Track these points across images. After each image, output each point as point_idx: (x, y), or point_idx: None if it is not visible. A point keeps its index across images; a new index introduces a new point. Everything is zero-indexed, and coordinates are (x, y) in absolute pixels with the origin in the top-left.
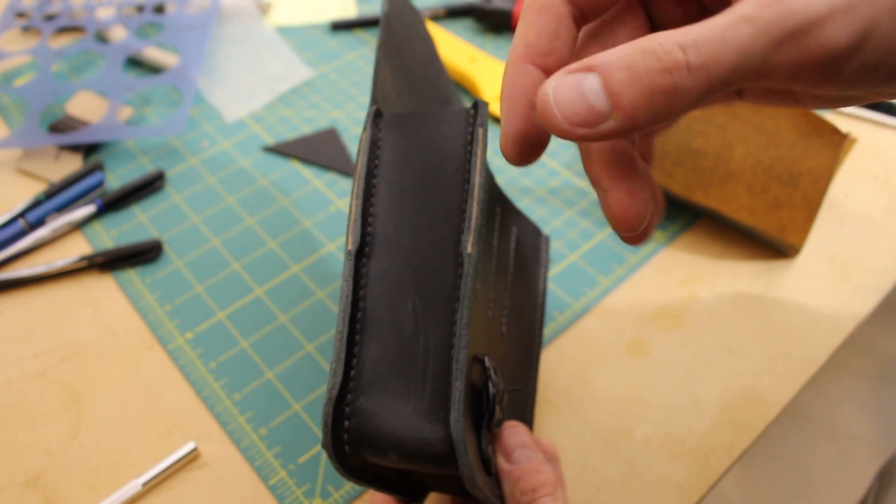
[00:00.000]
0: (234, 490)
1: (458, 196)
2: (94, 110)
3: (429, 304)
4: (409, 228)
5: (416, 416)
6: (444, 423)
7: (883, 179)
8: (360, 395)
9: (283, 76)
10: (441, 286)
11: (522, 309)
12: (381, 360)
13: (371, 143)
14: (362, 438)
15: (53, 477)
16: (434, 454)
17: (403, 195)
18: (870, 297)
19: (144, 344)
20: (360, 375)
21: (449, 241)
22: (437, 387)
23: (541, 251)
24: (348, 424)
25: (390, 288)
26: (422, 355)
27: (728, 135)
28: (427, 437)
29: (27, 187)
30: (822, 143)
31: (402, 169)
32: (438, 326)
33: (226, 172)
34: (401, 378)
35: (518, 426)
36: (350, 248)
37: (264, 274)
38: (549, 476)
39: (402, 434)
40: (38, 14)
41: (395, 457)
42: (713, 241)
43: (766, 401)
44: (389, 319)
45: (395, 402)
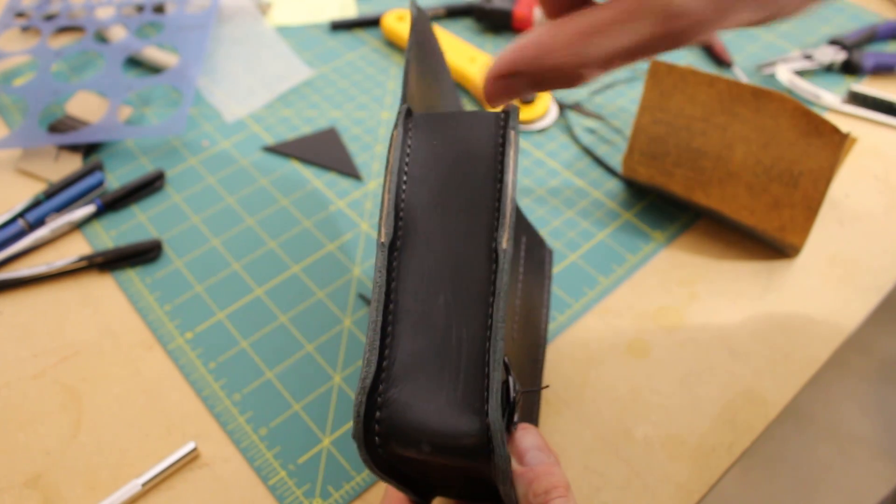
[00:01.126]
0: (233, 490)
1: (489, 194)
2: (93, 110)
3: (461, 299)
4: (441, 224)
5: (449, 407)
6: (478, 414)
7: (883, 179)
8: (392, 386)
9: (282, 76)
10: (473, 281)
11: (530, 317)
12: (413, 352)
13: (403, 140)
14: (394, 430)
15: (53, 477)
16: (468, 446)
17: (434, 191)
18: (870, 297)
19: (144, 344)
20: (392, 366)
21: (481, 237)
22: (471, 379)
23: (545, 263)
24: (380, 415)
25: (422, 281)
26: (455, 347)
27: (728, 135)
28: (461, 429)
29: (27, 187)
30: (822, 142)
31: (433, 166)
32: (471, 320)
33: (226, 172)
34: (433, 370)
35: (530, 428)
36: (383, 241)
37: (264, 274)
38: (561, 478)
39: (435, 425)
40: (38, 14)
41: (428, 448)
42: (713, 241)
43: (767, 401)
44: (421, 312)
45: (427, 393)
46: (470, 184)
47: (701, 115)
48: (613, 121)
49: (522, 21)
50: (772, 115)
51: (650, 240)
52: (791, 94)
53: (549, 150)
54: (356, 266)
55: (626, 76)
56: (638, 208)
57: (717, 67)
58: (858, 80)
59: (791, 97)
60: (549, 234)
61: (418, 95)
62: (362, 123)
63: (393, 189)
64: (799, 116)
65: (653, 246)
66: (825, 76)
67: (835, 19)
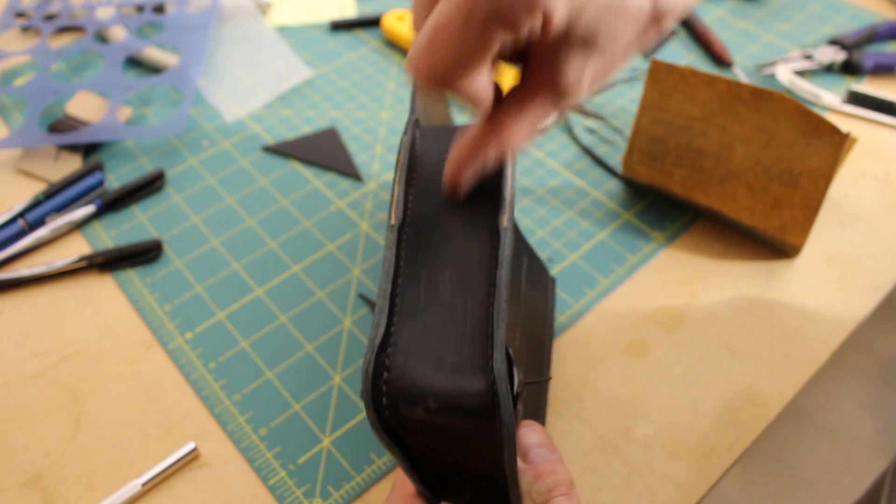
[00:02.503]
0: (233, 490)
1: (488, 186)
2: (93, 110)
3: (465, 274)
4: (446, 211)
5: (454, 367)
6: (484, 373)
7: (883, 179)
8: (399, 351)
9: (282, 76)
10: (477, 260)
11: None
12: (419, 320)
13: (411, 142)
14: (401, 390)
15: (53, 477)
16: (473, 405)
17: (438, 189)
18: (870, 297)
19: (144, 344)
20: (399, 332)
21: (484, 223)
22: (477, 343)
23: (547, 289)
24: (387, 376)
25: (428, 260)
26: (460, 316)
27: (728, 135)
28: (467, 387)
29: (27, 187)
30: (822, 143)
31: (438, 166)
32: (475, 291)
33: (226, 172)
34: (440, 335)
35: (534, 425)
36: (393, 223)
37: (264, 274)
38: (565, 476)
39: (442, 384)
40: (38, 14)
41: (435, 404)
42: (713, 241)
43: (766, 401)
44: (428, 286)
45: (433, 357)
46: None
47: (701, 115)
48: (613, 121)
49: None
50: (772, 116)
51: (650, 240)
52: (791, 94)
53: (549, 150)
54: (356, 266)
55: (626, 76)
56: (638, 208)
57: (717, 67)
58: (858, 80)
59: (791, 97)
60: (549, 234)
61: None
62: (362, 123)
63: (402, 181)
64: (799, 116)
65: (653, 246)
66: (825, 76)
67: (835, 19)
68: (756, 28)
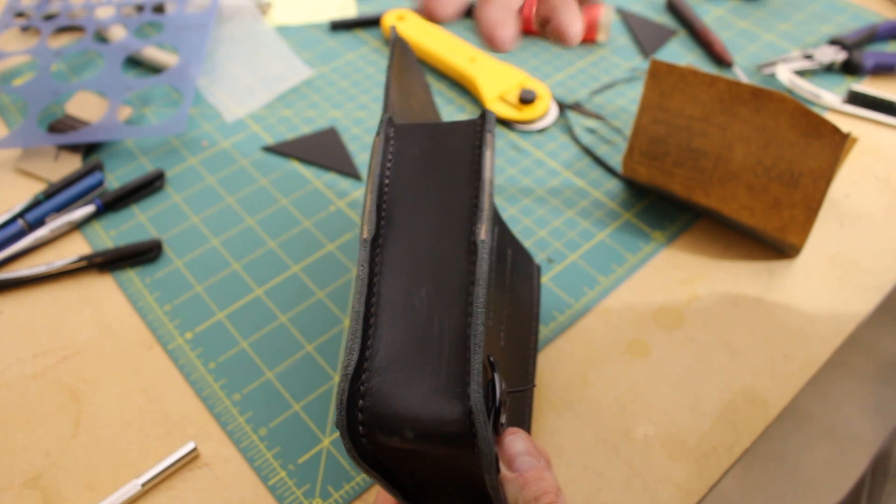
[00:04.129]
0: (233, 490)
1: (468, 192)
2: (93, 110)
3: (442, 290)
4: (421, 221)
5: (432, 393)
6: (460, 399)
7: (884, 179)
8: (375, 375)
9: (282, 76)
10: (454, 274)
11: (518, 327)
12: (395, 341)
13: (384, 145)
14: (377, 418)
15: (53, 477)
16: (451, 433)
17: (415, 191)
18: (870, 297)
19: (144, 344)
20: (374, 356)
21: (460, 232)
22: (453, 365)
23: (533, 278)
24: (363, 404)
25: (403, 275)
26: (436, 336)
27: (728, 135)
28: (444, 414)
29: (26, 187)
30: (822, 143)
31: (414, 169)
32: (453, 309)
33: (226, 172)
34: (416, 358)
35: (519, 433)
36: (366, 237)
37: (264, 274)
38: (551, 483)
39: (418, 411)
40: (38, 14)
41: (412, 434)
42: (713, 241)
43: (767, 401)
44: (403, 304)
45: (410, 381)
46: (449, 184)
47: (701, 115)
48: (613, 121)
49: (522, 21)
50: (772, 115)
51: (650, 240)
52: (791, 94)
53: (549, 150)
54: (356, 266)
55: (626, 76)
56: (638, 208)
57: (718, 67)
58: (859, 80)
59: (791, 97)
60: (549, 234)
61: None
62: (362, 123)
63: (375, 189)
64: (799, 116)
65: (653, 246)
66: (825, 76)
67: (835, 19)
68: (756, 28)
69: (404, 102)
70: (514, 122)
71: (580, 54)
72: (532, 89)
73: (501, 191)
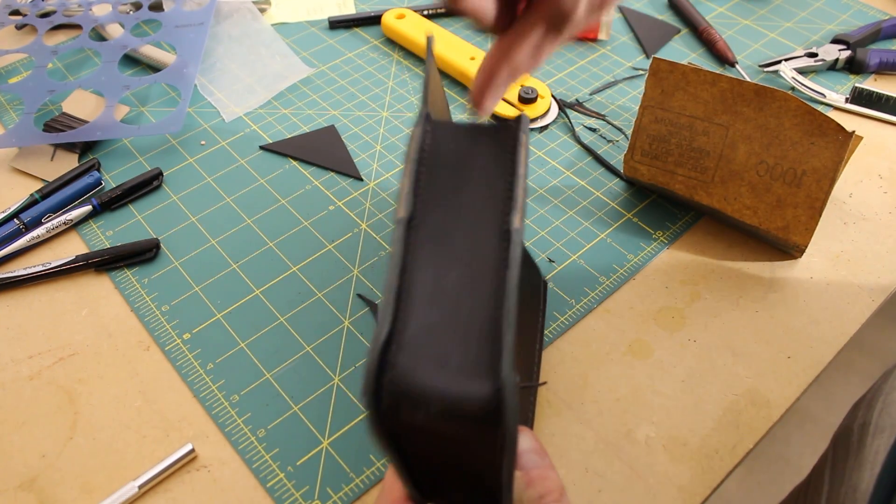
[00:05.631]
0: (232, 492)
1: (501, 186)
2: (90, 109)
3: (473, 274)
4: (456, 208)
5: (460, 371)
6: (488, 378)
7: (888, 178)
8: (403, 350)
9: (281, 74)
10: (486, 259)
11: (526, 332)
12: (425, 320)
13: (422, 135)
14: (403, 392)
15: (48, 480)
16: (477, 411)
17: (450, 182)
18: (874, 298)
19: (141, 345)
20: (404, 331)
21: (494, 221)
22: (483, 345)
23: (540, 288)
24: (390, 376)
25: (436, 256)
26: (466, 317)
27: (731, 134)
28: (472, 391)
29: (22, 186)
30: (826, 141)
31: (450, 161)
32: (483, 293)
33: (224, 171)
34: (445, 336)
35: (525, 430)
36: (402, 216)
37: (263, 274)
38: (556, 482)
39: (445, 387)
40: (33, 11)
41: (437, 409)
42: (716, 240)
43: (770, 402)
44: (434, 284)
45: (438, 358)
46: (483, 177)
47: (703, 114)
48: (615, 120)
49: None
50: (775, 114)
51: (652, 240)
52: (794, 92)
53: (550, 150)
54: (356, 266)
55: (627, 74)
56: (639, 208)
57: (720, 66)
58: (863, 79)
59: (794, 96)
60: (549, 234)
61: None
62: (362, 122)
63: (412, 173)
64: (803, 115)
65: (655, 246)
66: (829, 74)
67: (839, 17)
68: (759, 26)
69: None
70: None
71: (581, 53)
72: (533, 88)
73: None
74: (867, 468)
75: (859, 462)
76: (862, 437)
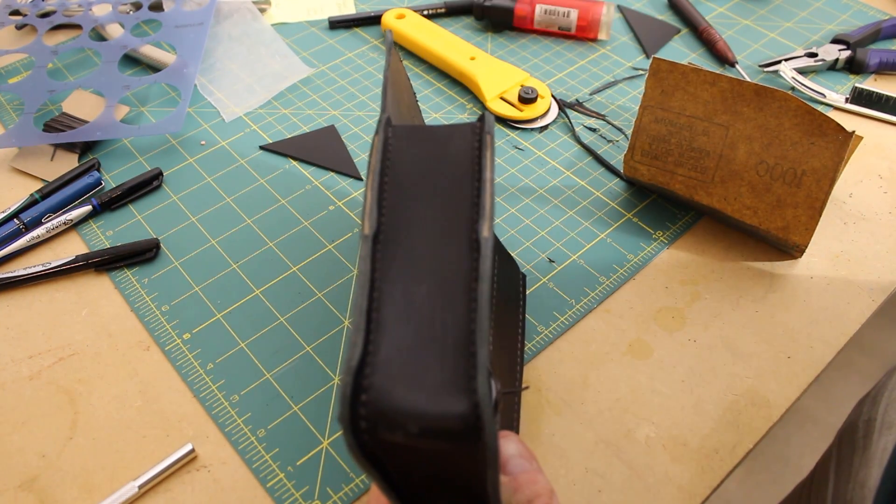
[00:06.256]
0: (232, 492)
1: (468, 192)
2: (90, 109)
3: (444, 287)
4: (423, 219)
5: (436, 388)
6: (465, 393)
7: (888, 178)
8: (378, 370)
9: (281, 74)
10: (456, 271)
11: (505, 333)
12: (398, 337)
13: (384, 144)
14: (380, 412)
15: (48, 480)
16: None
17: (415, 190)
18: (874, 298)
19: (141, 345)
20: (377, 351)
21: (462, 230)
22: (458, 361)
23: (518, 284)
24: (366, 398)
25: (404, 272)
26: (440, 332)
27: (731, 134)
28: (449, 409)
29: (22, 186)
30: (826, 142)
31: (414, 169)
32: (455, 305)
33: (224, 171)
34: (419, 353)
35: (511, 435)
36: (367, 233)
37: (263, 274)
38: (545, 486)
39: (422, 406)
40: (33, 11)
41: (416, 429)
42: (715, 241)
43: (770, 402)
44: (406, 300)
45: (414, 376)
46: (449, 183)
47: (703, 114)
48: (615, 120)
49: (522, 19)
50: (775, 114)
51: (652, 240)
52: (795, 92)
53: (550, 150)
54: (356, 266)
55: (627, 74)
56: (639, 208)
57: (720, 66)
58: (863, 79)
59: (794, 96)
60: (549, 234)
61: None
62: (362, 122)
63: (375, 186)
64: (802, 115)
65: (654, 246)
66: (829, 74)
67: (839, 17)
68: (759, 26)
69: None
70: (515, 121)
71: (581, 53)
72: (533, 88)
73: (502, 190)
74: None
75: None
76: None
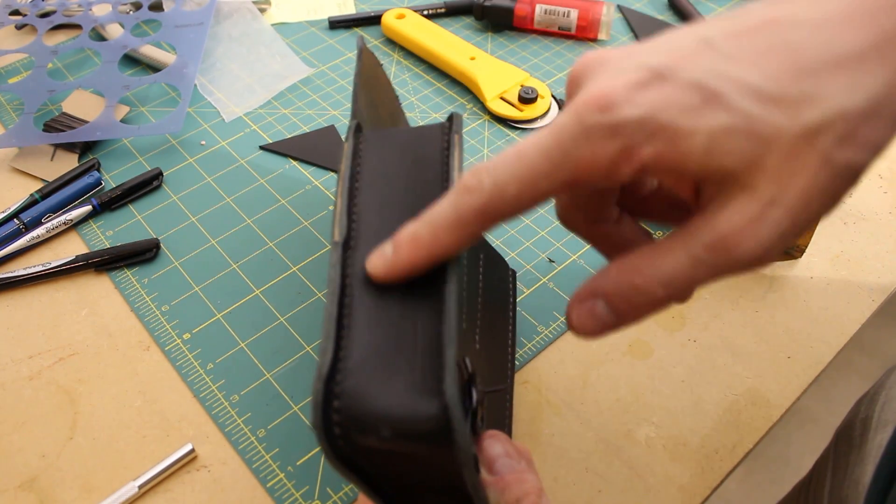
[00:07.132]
0: (231, 492)
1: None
2: (90, 109)
3: (414, 291)
4: (392, 224)
5: (407, 391)
6: (436, 395)
7: (888, 178)
8: (350, 375)
9: (281, 74)
10: (426, 275)
11: (494, 331)
12: (369, 342)
13: (353, 150)
14: (353, 417)
15: (48, 480)
16: (427, 430)
17: (385, 196)
18: (874, 297)
19: (141, 345)
20: (348, 357)
21: None
22: (428, 363)
23: (508, 282)
24: (338, 404)
25: None
26: (410, 336)
27: None
28: (420, 411)
29: (22, 186)
30: None
31: (383, 174)
32: (425, 309)
33: (224, 171)
34: (390, 357)
35: (498, 435)
36: (337, 239)
37: (263, 274)
38: (533, 484)
39: (393, 409)
40: (33, 11)
41: (388, 433)
42: None
43: (770, 402)
44: (376, 305)
45: (385, 380)
46: (419, 186)
47: None
48: None
49: (523, 19)
50: None
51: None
52: None
53: None
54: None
55: None
56: None
57: None
58: None
59: None
60: (549, 233)
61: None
62: None
63: (345, 193)
64: None
65: None
66: None
67: None
68: None
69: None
70: (515, 121)
71: (581, 53)
72: (533, 88)
73: None
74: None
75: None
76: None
